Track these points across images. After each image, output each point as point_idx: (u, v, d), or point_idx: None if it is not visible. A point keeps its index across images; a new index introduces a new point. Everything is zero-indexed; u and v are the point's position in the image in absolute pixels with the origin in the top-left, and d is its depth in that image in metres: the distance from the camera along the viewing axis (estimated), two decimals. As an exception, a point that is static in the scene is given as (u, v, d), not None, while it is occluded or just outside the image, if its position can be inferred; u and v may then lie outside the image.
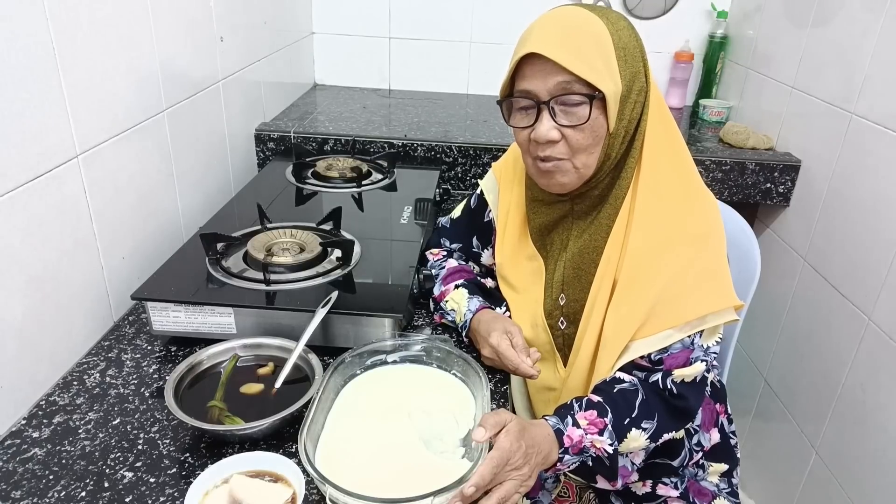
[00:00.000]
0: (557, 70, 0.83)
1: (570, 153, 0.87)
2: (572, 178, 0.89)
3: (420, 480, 0.71)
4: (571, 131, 0.85)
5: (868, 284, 1.35)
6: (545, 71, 0.84)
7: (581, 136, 0.85)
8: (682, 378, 0.89)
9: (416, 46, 2.17)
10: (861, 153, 1.40)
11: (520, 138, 0.91)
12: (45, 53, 0.87)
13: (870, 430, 1.33)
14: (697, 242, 0.89)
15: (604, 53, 0.84)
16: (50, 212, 0.90)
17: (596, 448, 0.84)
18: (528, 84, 0.86)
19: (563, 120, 0.85)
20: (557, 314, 1.00)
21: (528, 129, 0.88)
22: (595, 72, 0.83)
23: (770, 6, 1.82)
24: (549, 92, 0.84)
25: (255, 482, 0.72)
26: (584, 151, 0.87)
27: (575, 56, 0.82)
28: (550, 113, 0.85)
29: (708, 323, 0.88)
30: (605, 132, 0.87)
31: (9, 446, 0.80)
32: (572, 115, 0.85)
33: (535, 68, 0.85)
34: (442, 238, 1.19)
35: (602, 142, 0.87)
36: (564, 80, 0.83)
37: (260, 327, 0.97)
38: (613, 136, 0.87)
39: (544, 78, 0.84)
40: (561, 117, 0.85)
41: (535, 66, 0.85)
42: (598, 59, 0.83)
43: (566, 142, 0.86)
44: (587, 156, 0.88)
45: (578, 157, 0.87)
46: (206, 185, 1.39)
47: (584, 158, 0.88)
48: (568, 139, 0.86)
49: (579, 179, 0.90)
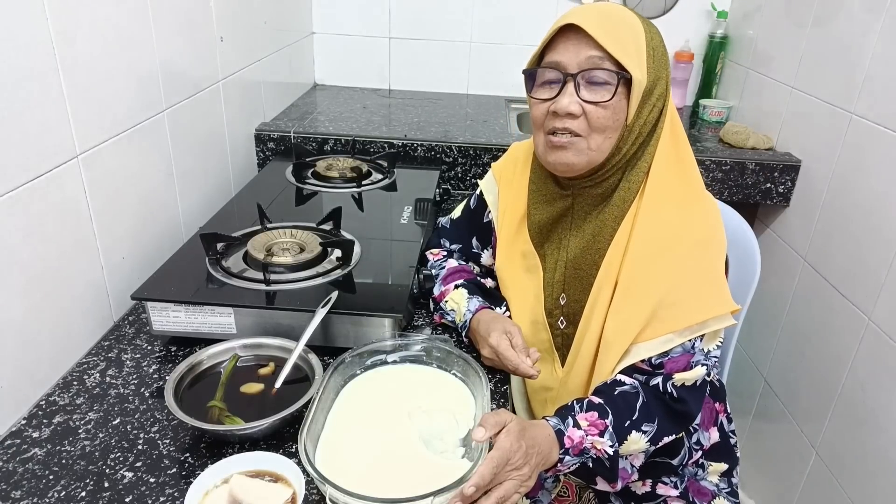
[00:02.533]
0: (591, 45, 0.85)
1: (587, 131, 0.88)
2: (582, 158, 0.89)
3: (420, 480, 0.71)
4: (593, 108, 0.86)
5: (868, 284, 1.35)
6: (578, 44, 0.86)
7: (602, 114, 0.86)
8: (683, 382, 0.89)
9: (416, 46, 2.17)
10: (861, 153, 1.40)
11: (537, 112, 0.91)
12: (45, 53, 0.87)
13: (870, 430, 1.33)
14: (699, 248, 0.89)
15: (637, 43, 0.86)
16: (50, 212, 0.90)
17: (596, 449, 0.84)
18: (559, 55, 0.87)
19: (587, 95, 0.86)
20: (558, 313, 1.00)
21: (549, 102, 0.89)
22: (627, 55, 0.85)
23: (770, 6, 1.82)
24: (579, 65, 0.86)
25: (255, 482, 0.72)
26: (600, 133, 0.87)
27: (610, 35, 0.85)
28: (575, 87, 0.86)
29: (708, 328, 0.88)
30: (623, 120, 0.88)
31: (9, 446, 0.80)
32: (597, 91, 0.86)
33: (568, 41, 0.87)
34: (442, 238, 1.19)
35: (619, 130, 0.88)
36: (596, 55, 0.85)
37: (260, 327, 0.97)
38: (629, 130, 0.88)
39: (577, 50, 0.86)
40: (585, 92, 0.86)
41: (569, 40, 0.86)
42: (631, 45, 0.85)
43: (586, 118, 0.87)
44: (603, 139, 0.88)
45: (594, 138, 0.88)
46: (206, 185, 1.39)
47: (598, 140, 0.88)
48: (588, 116, 0.87)
49: (588, 163, 0.90)
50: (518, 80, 2.37)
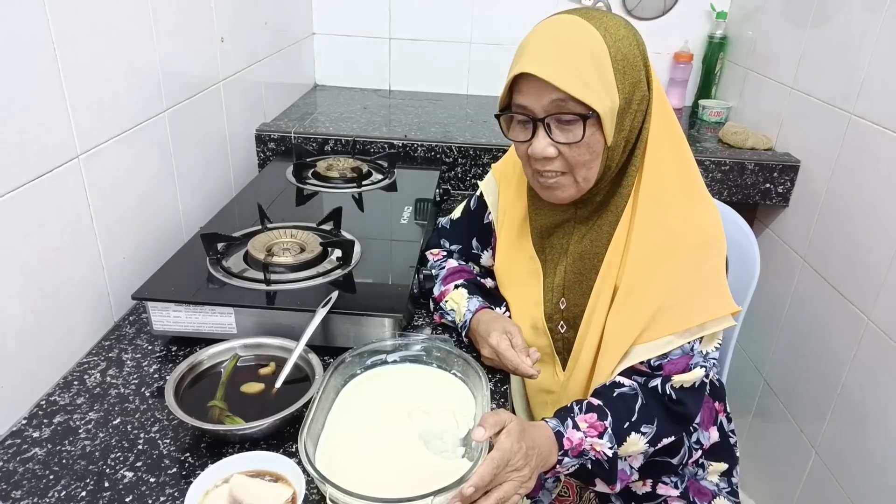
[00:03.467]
0: (551, 88, 0.82)
1: (569, 167, 0.87)
2: (572, 191, 0.90)
3: (420, 480, 0.71)
4: (567, 148, 0.85)
5: (867, 284, 1.35)
6: (539, 88, 0.83)
7: (577, 152, 0.85)
8: (682, 384, 0.89)
9: (416, 47, 2.17)
10: (860, 153, 1.40)
11: (519, 152, 0.91)
12: (45, 53, 0.87)
13: (869, 429, 1.33)
14: (699, 250, 0.89)
15: (599, 68, 0.82)
16: (50, 212, 0.90)
17: (595, 451, 0.84)
18: (524, 100, 0.85)
19: (560, 137, 0.85)
20: (558, 318, 1.00)
21: (527, 144, 0.88)
22: (589, 90, 0.81)
23: (770, 6, 1.82)
24: (545, 109, 0.84)
25: (256, 482, 0.72)
26: (582, 166, 0.87)
27: (568, 74, 0.81)
28: (546, 129, 0.85)
29: (707, 329, 0.88)
30: (602, 147, 0.86)
31: (9, 446, 0.80)
32: (568, 132, 0.84)
33: (529, 85, 0.84)
34: (442, 239, 1.19)
35: (601, 156, 0.87)
36: (559, 98, 0.82)
37: (260, 327, 0.97)
38: (612, 149, 0.87)
39: (538, 95, 0.83)
40: (557, 134, 0.85)
41: (530, 83, 0.84)
42: (592, 75, 0.82)
43: (563, 157, 0.86)
44: (586, 170, 0.88)
45: (578, 172, 0.87)
46: (207, 186, 1.39)
47: (583, 172, 0.88)
48: (565, 155, 0.86)
49: (579, 192, 0.90)
50: (518, 80, 2.34)
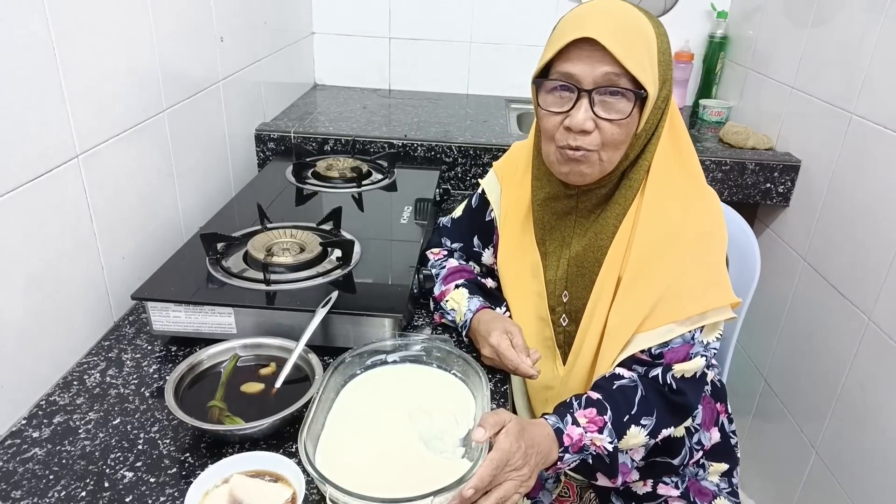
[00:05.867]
0: (608, 60, 0.81)
1: (599, 145, 0.86)
2: (595, 169, 0.89)
3: (420, 480, 0.71)
4: (608, 124, 0.84)
5: (868, 284, 1.35)
6: (594, 58, 0.82)
7: (616, 130, 0.85)
8: (682, 373, 0.89)
9: (416, 46, 2.17)
10: (861, 153, 1.40)
11: (548, 123, 0.88)
12: (45, 53, 0.87)
13: (869, 429, 1.33)
14: (702, 240, 0.89)
15: (650, 53, 0.84)
16: (50, 212, 0.90)
17: (596, 446, 0.84)
18: (573, 68, 0.83)
19: (602, 112, 0.84)
20: (560, 311, 1.01)
21: (562, 115, 0.86)
22: (643, 71, 0.82)
23: (770, 6, 1.82)
24: (595, 81, 0.83)
25: (255, 482, 0.72)
26: (613, 147, 0.86)
27: (628, 50, 0.81)
28: (590, 102, 0.84)
29: (708, 319, 0.89)
30: (633, 132, 0.87)
31: (9, 446, 0.80)
32: (612, 108, 0.84)
33: (583, 53, 0.82)
34: (443, 238, 1.19)
35: (628, 140, 0.87)
36: (613, 72, 0.82)
37: (260, 327, 0.97)
38: (638, 137, 0.88)
39: (592, 65, 0.82)
40: (599, 109, 0.84)
41: (583, 51, 0.82)
42: (645, 58, 0.83)
43: (599, 133, 0.85)
44: (614, 151, 0.87)
45: (606, 151, 0.87)
46: (207, 185, 1.39)
47: (610, 153, 0.87)
48: (602, 131, 0.85)
49: (600, 172, 0.89)
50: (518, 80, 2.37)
